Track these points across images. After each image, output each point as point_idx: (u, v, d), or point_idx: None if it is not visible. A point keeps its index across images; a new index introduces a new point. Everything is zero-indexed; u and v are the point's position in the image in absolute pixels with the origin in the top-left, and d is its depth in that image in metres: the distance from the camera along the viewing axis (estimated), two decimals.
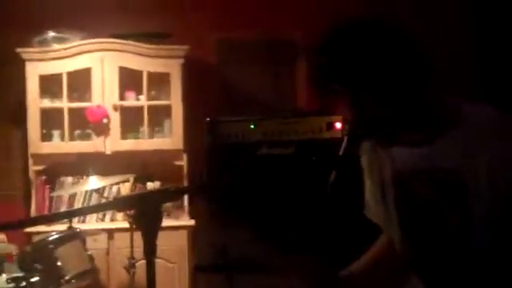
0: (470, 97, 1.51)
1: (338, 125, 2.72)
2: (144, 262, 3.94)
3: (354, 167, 1.54)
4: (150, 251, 1.52)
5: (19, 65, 4.28)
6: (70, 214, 3.27)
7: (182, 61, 4.34)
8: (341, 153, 1.45)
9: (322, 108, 2.44)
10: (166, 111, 4.38)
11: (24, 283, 3.28)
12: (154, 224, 1.50)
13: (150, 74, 4.35)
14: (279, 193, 2.16)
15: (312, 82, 1.44)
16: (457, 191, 1.44)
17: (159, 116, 4.44)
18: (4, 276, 3.42)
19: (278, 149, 2.64)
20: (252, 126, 2.75)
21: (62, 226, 3.77)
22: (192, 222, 4.22)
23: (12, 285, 3.24)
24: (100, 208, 2.67)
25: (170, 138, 4.36)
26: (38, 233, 3.93)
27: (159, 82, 4.42)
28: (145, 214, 1.49)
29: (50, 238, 3.50)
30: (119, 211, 3.58)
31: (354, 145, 1.47)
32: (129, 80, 4.37)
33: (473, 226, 1.44)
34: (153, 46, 4.33)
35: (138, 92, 4.41)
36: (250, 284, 2.57)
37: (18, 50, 4.25)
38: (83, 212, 3.78)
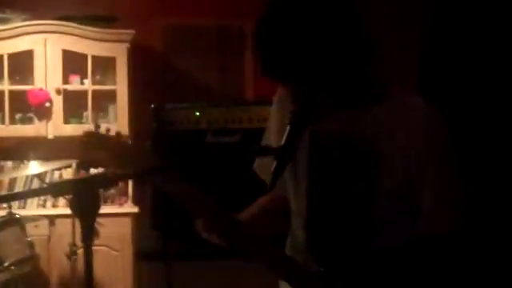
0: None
1: None
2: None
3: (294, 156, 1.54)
4: (88, 237, 1.51)
5: None
6: (3, 199, 3.18)
7: (127, 45, 4.27)
8: (282, 142, 1.45)
9: (268, 98, 2.45)
10: (111, 96, 4.31)
11: None
12: (92, 209, 1.49)
13: (94, 58, 4.27)
14: (225, 181, 2.17)
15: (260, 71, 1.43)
16: (369, 160, 1.47)
17: (104, 101, 4.36)
18: None
19: (224, 137, 2.64)
20: (197, 114, 2.74)
21: (1, 212, 3.68)
22: (136, 209, 4.18)
23: None
24: (36, 193, 2.60)
25: (115, 123, 4.29)
26: None
27: (104, 66, 4.34)
28: (82, 200, 1.47)
29: None
30: (55, 196, 3.52)
31: (295, 134, 1.48)
32: (73, 64, 4.28)
33: (376, 198, 1.47)
34: (98, 30, 4.25)
35: (83, 76, 4.32)
36: (188, 271, 2.58)
37: None
38: (19, 196, 3.70)
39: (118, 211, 4.12)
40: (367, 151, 1.47)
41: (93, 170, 4.32)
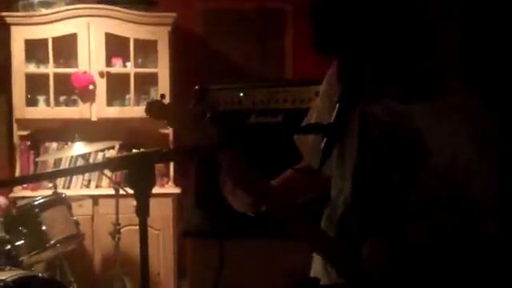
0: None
1: None
2: (128, 228, 3.98)
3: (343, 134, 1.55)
4: (143, 210, 1.55)
5: (4, 28, 4.23)
6: (62, 173, 3.27)
7: (169, 28, 4.32)
8: (332, 120, 1.46)
9: (311, 77, 2.46)
10: (153, 79, 4.37)
11: (9, 246, 3.30)
12: (147, 184, 1.52)
13: (136, 41, 4.33)
14: (268, 161, 2.19)
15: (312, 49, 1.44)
16: (413, 156, 1.44)
17: (145, 83, 4.43)
18: None
19: (268, 118, 2.66)
20: (241, 94, 2.75)
21: (47, 192, 3.78)
22: (177, 190, 4.25)
23: None
24: (92, 168, 2.68)
25: None
26: (24, 198, 3.94)
27: (146, 49, 4.40)
28: (138, 174, 1.51)
29: (35, 203, 3.52)
30: (113, 171, 3.59)
31: (344, 113, 1.48)
32: (116, 47, 4.35)
33: (411, 193, 1.45)
34: (140, 13, 4.30)
35: (125, 59, 4.38)
36: (240, 249, 2.61)
37: (3, 13, 4.20)
38: (74, 172, 3.80)
39: (160, 192, 4.19)
40: (413, 147, 1.44)
41: (135, 151, 4.39)
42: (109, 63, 4.35)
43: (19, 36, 4.24)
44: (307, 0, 1.45)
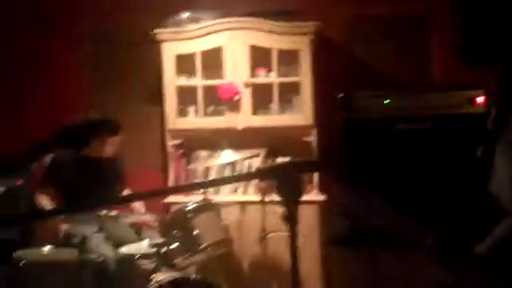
0: None
1: (480, 99, 2.62)
2: (275, 234, 4.06)
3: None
4: (292, 220, 1.58)
5: (156, 45, 4.51)
6: (216, 183, 3.44)
7: (311, 37, 4.36)
8: (489, 127, 1.40)
9: (463, 82, 2.37)
10: (296, 87, 4.43)
11: (165, 248, 3.50)
12: (296, 193, 1.56)
13: (279, 51, 4.42)
14: (417, 168, 2.14)
15: (458, 58, 1.40)
16: None
17: (289, 92, 4.50)
18: (146, 241, 3.68)
19: (415, 124, 2.60)
20: (386, 101, 2.72)
21: (198, 197, 3.96)
22: (322, 197, 4.27)
23: (154, 249, 3.47)
24: (243, 178, 2.78)
25: (300, 114, 4.42)
26: (176, 203, 4.16)
27: (289, 58, 4.47)
28: (286, 184, 1.54)
29: (188, 208, 3.70)
30: (263, 180, 3.70)
31: (502, 119, 1.42)
32: (259, 57, 4.47)
33: None
34: (282, 24, 4.39)
35: (268, 69, 4.49)
36: (387, 257, 2.57)
37: (155, 31, 4.48)
38: (226, 181, 3.95)
39: (305, 199, 4.20)
40: None
41: (280, 159, 4.49)
42: (253, 74, 4.48)
43: (170, 51, 4.50)
44: (452, 6, 1.41)
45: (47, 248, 3.73)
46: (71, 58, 4.95)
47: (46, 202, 4.01)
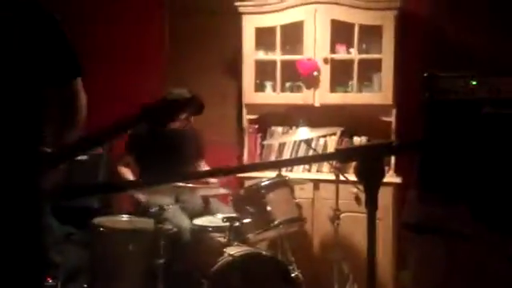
0: None
1: None
2: (348, 214, 4.00)
3: None
4: (372, 204, 1.53)
5: (236, 17, 4.49)
6: (290, 162, 3.40)
7: (395, 12, 4.20)
8: None
9: None
10: (377, 65, 4.30)
11: (237, 223, 3.52)
12: (377, 176, 1.50)
13: (361, 27, 4.29)
14: (503, 155, 2.02)
15: None
16: None
17: (369, 70, 4.38)
18: (219, 215, 3.71)
19: (504, 108, 2.46)
20: (474, 82, 2.58)
21: (272, 174, 3.94)
22: (398, 180, 4.16)
23: (227, 223, 3.50)
24: (321, 158, 2.73)
25: (379, 93, 4.30)
26: (250, 178, 4.17)
27: (370, 34, 4.34)
28: (368, 166, 1.49)
29: (262, 184, 3.69)
30: (342, 162, 3.64)
31: None
32: (340, 33, 4.36)
33: None
34: None
35: (349, 45, 4.38)
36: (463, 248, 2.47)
37: (236, 3, 4.45)
38: (302, 161, 3.91)
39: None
40: None
41: (356, 139, 4.40)
42: (333, 50, 4.38)
43: (250, 24, 4.46)
44: None
45: (125, 217, 3.83)
46: (151, 30, 5.01)
47: (126, 172, 4.10)
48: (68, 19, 2.17)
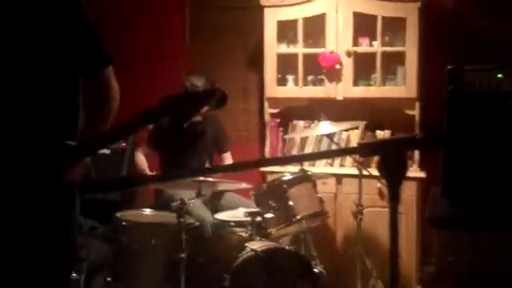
0: None
1: None
2: (371, 209, 3.95)
3: None
4: (394, 199, 1.49)
5: (258, 11, 4.46)
6: (312, 157, 3.38)
7: (419, 4, 4.14)
8: None
9: None
10: (400, 58, 4.25)
11: (259, 218, 3.50)
12: (399, 171, 1.47)
13: (384, 19, 4.23)
14: None
15: None
16: None
17: (392, 63, 4.32)
18: (242, 210, 3.70)
19: None
20: (499, 75, 2.52)
21: (294, 168, 3.92)
22: (422, 174, 4.10)
23: (249, 218, 3.48)
24: (343, 152, 2.70)
25: (403, 86, 4.25)
26: (272, 172, 4.15)
27: (394, 27, 4.29)
28: (389, 160, 1.45)
29: (284, 178, 3.68)
30: (364, 156, 3.60)
31: None
32: (363, 25, 4.31)
33: None
34: None
35: (372, 38, 4.33)
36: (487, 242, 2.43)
37: None
38: (325, 156, 3.88)
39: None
40: None
41: (379, 132, 4.35)
42: (356, 42, 4.33)
43: (272, 17, 4.43)
44: None
45: (147, 210, 3.84)
46: (173, 25, 5.01)
47: (140, 158, 4.12)
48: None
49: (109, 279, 3.64)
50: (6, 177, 1.90)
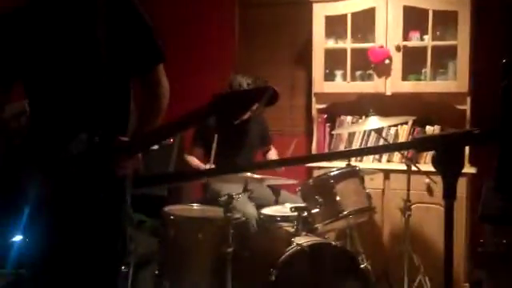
0: None
1: None
2: (418, 205, 3.90)
3: None
4: (450, 195, 1.46)
5: (307, 6, 4.43)
6: (363, 152, 3.34)
7: None
8: None
9: None
10: (451, 52, 4.16)
11: (305, 213, 3.49)
12: (455, 166, 1.43)
13: (435, 13, 4.15)
14: None
15: None
16: None
17: (443, 57, 4.24)
18: (288, 205, 3.69)
19: None
20: None
21: (341, 163, 3.89)
22: (473, 170, 4.01)
23: (295, 213, 3.47)
24: (397, 147, 2.66)
25: (454, 81, 4.16)
26: (319, 168, 4.12)
27: (445, 21, 4.20)
28: (446, 155, 1.42)
29: (331, 174, 3.64)
30: (420, 151, 3.55)
31: None
32: (413, 19, 4.24)
33: None
34: None
35: (423, 32, 4.25)
36: None
37: None
38: (377, 151, 3.84)
39: None
40: None
41: (429, 128, 4.27)
42: (406, 37, 4.26)
43: (320, 12, 4.40)
44: None
45: (195, 205, 3.87)
46: (222, 21, 5.03)
47: (192, 160, 4.13)
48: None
49: (156, 272, 3.69)
50: (62, 171, 1.94)
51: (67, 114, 2.02)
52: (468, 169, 4.03)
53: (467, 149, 4.08)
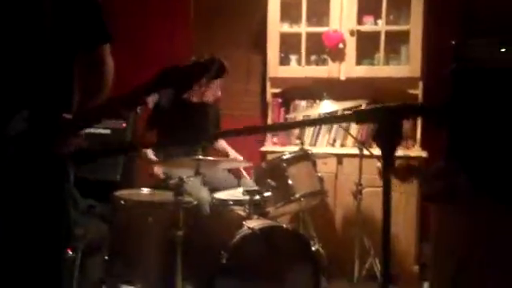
0: None
1: None
2: (370, 189, 3.90)
3: None
4: (388, 168, 1.45)
5: None
6: (309, 123, 3.32)
7: None
8: None
9: None
10: (404, 37, 4.18)
11: (258, 196, 3.46)
12: (393, 139, 1.42)
13: None
14: None
15: None
16: None
17: (396, 42, 4.26)
18: (240, 189, 3.66)
19: None
20: (503, 50, 2.46)
21: (294, 148, 3.88)
22: (424, 154, 4.05)
23: (247, 197, 3.44)
24: (339, 119, 2.66)
25: (407, 66, 4.18)
26: (273, 152, 4.10)
27: (399, 5, 4.22)
28: (385, 128, 1.41)
29: (284, 157, 3.63)
30: (359, 123, 3.54)
31: None
32: (368, 3, 4.25)
33: None
34: None
35: (377, 16, 4.26)
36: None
37: None
38: (321, 122, 3.82)
39: (406, 154, 4.02)
40: None
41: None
42: (360, 21, 4.26)
43: None
44: None
45: (145, 190, 3.80)
46: (177, 4, 4.94)
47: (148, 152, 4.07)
48: None
49: (106, 258, 3.62)
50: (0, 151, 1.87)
51: (8, 89, 1.95)
52: (419, 152, 4.07)
53: (419, 133, 4.13)
